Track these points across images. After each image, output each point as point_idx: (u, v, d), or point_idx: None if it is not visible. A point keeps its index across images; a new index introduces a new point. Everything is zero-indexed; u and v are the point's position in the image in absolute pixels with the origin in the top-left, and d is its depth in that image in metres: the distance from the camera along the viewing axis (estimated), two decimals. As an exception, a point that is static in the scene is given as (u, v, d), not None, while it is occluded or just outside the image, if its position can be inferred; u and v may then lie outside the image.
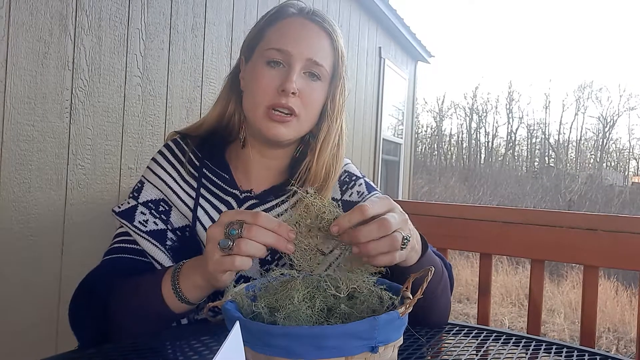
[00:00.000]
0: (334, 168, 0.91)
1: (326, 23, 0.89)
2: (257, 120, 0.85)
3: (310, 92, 0.86)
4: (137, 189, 0.90)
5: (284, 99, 0.82)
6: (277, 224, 0.62)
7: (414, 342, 0.77)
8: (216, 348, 0.71)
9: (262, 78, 0.84)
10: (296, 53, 0.84)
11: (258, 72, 0.85)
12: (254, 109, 0.85)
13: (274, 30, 0.87)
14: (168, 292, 0.72)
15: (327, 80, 0.89)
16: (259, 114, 0.84)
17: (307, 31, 0.87)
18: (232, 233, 0.62)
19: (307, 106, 0.86)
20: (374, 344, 0.48)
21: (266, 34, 0.88)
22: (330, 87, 0.90)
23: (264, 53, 0.86)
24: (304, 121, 0.87)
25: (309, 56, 0.85)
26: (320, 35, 0.88)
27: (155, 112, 1.88)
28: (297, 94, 0.83)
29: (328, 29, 0.88)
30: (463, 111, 21.00)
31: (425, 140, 20.24)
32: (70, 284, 1.56)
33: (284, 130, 0.85)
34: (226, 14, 2.24)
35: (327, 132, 0.89)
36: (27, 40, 1.40)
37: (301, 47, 0.84)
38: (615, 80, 36.12)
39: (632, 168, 19.80)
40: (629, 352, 4.43)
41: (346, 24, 4.06)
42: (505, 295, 6.10)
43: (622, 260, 1.27)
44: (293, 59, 0.84)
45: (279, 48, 0.84)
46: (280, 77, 0.84)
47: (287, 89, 0.82)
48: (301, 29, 0.87)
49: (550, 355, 0.76)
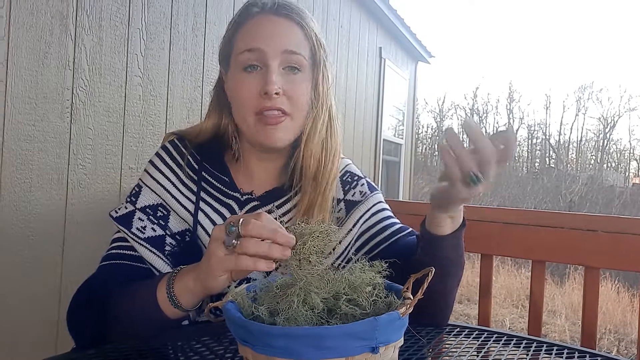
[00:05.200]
0: (325, 159, 0.88)
1: (294, 13, 0.85)
2: (251, 130, 0.84)
3: (294, 88, 0.83)
4: (134, 193, 0.88)
5: (269, 102, 0.81)
6: (277, 223, 0.62)
7: (415, 343, 0.77)
8: (217, 349, 0.71)
9: (242, 86, 0.83)
10: (269, 50, 0.82)
11: (237, 81, 0.84)
12: (244, 119, 0.84)
13: (242, 34, 0.85)
14: (163, 297, 0.72)
15: (308, 69, 0.86)
16: (250, 122, 0.83)
17: (276, 26, 0.84)
18: (231, 230, 0.62)
19: (295, 102, 0.84)
20: (375, 345, 0.48)
21: (235, 41, 0.86)
22: (312, 75, 0.87)
23: (238, 59, 0.84)
24: (297, 118, 0.85)
25: (283, 48, 0.82)
26: (291, 28, 0.85)
27: (156, 112, 1.88)
28: (280, 93, 0.81)
29: (296, 19, 0.85)
30: (463, 111, 21.02)
31: (426, 140, 20.25)
32: (71, 284, 1.57)
33: (281, 135, 0.83)
34: (227, 14, 2.24)
35: (313, 122, 0.87)
36: (28, 40, 1.40)
37: (273, 43, 0.82)
38: (615, 81, 36.06)
39: (633, 169, 19.82)
40: (630, 354, 4.42)
41: (346, 24, 4.05)
42: (507, 296, 6.09)
43: (623, 261, 1.27)
44: (268, 57, 0.82)
45: (250, 48, 0.82)
46: (260, 80, 0.82)
47: (269, 91, 0.80)
48: (269, 25, 0.84)
49: (551, 357, 0.76)
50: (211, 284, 0.66)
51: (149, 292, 0.73)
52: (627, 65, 39.27)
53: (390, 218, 0.95)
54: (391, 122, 5.49)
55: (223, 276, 0.65)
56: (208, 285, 0.67)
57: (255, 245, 0.60)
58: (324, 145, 0.89)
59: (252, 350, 0.49)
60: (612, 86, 39.37)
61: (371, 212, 0.93)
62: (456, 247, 0.79)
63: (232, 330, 0.52)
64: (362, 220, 0.92)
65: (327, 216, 0.88)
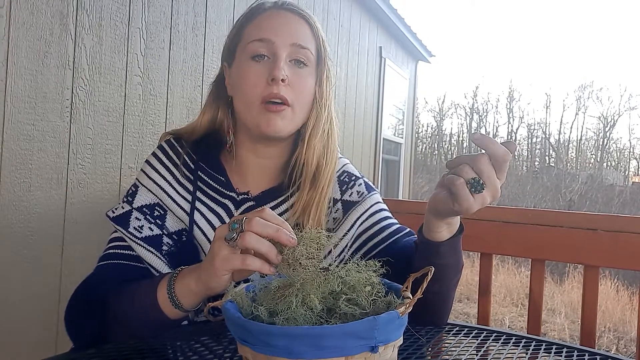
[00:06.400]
0: (326, 158, 0.90)
1: (303, 12, 0.89)
2: (254, 117, 0.84)
3: (299, 80, 0.85)
4: (131, 193, 0.89)
5: (276, 88, 0.82)
6: (280, 220, 0.62)
7: (414, 342, 0.77)
8: (216, 348, 0.71)
9: (249, 74, 0.84)
10: (279, 41, 0.84)
11: (244, 69, 0.85)
12: (249, 107, 0.85)
13: (252, 26, 0.87)
14: (163, 297, 0.72)
15: (313, 65, 0.88)
16: (254, 110, 0.84)
17: (286, 20, 0.87)
18: (234, 227, 0.62)
19: (299, 94, 0.85)
20: (374, 344, 0.48)
21: (245, 32, 0.87)
22: (316, 73, 0.89)
23: (246, 49, 0.85)
24: (298, 111, 0.86)
25: (292, 41, 0.85)
26: (300, 22, 0.88)
27: (155, 112, 1.88)
28: (286, 80, 0.83)
29: (305, 16, 0.89)
30: (463, 111, 21.03)
31: (426, 139, 20.25)
32: (71, 284, 1.57)
33: (281, 123, 0.84)
34: (227, 13, 2.24)
35: (316, 120, 0.89)
36: (28, 40, 1.40)
37: (283, 35, 0.85)
38: (615, 80, 36.24)
39: (633, 168, 19.82)
40: (629, 352, 4.43)
41: (347, 24, 4.05)
42: (507, 294, 6.10)
43: (623, 260, 1.27)
44: (277, 47, 0.84)
45: (260, 38, 0.84)
46: (268, 68, 0.83)
47: (277, 76, 0.82)
48: (280, 18, 0.87)
49: (550, 355, 0.76)
50: (214, 284, 0.66)
51: (148, 292, 0.73)
52: (627, 64, 39.28)
53: (389, 219, 0.95)
54: (391, 121, 5.48)
55: (226, 276, 0.65)
56: (210, 285, 0.67)
57: (256, 240, 0.60)
58: (325, 144, 0.90)
59: (251, 350, 0.49)
60: (612, 85, 39.39)
61: (369, 213, 0.93)
62: (454, 252, 0.78)
63: (232, 329, 0.52)
64: (360, 222, 0.92)
65: (324, 217, 0.89)
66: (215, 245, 0.64)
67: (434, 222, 0.75)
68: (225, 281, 0.66)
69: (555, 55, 39.72)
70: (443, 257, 0.77)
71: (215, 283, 0.66)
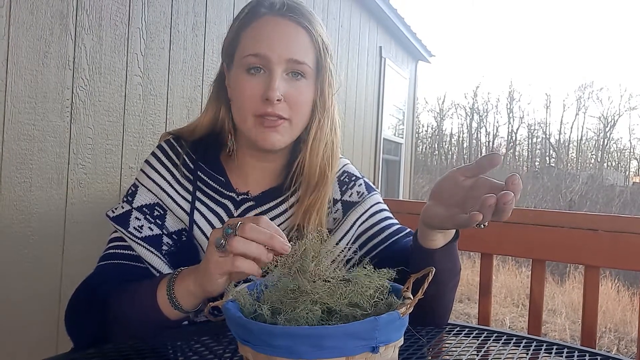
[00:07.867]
0: (330, 163, 0.89)
1: (302, 17, 0.84)
2: (249, 131, 0.84)
3: (296, 94, 0.84)
4: (131, 192, 0.89)
5: (270, 108, 0.81)
6: (275, 228, 0.62)
7: (415, 342, 0.77)
8: (216, 348, 0.71)
9: (244, 88, 0.83)
10: (274, 57, 0.82)
11: (240, 82, 0.84)
12: (244, 120, 0.84)
13: (248, 33, 0.85)
14: (163, 298, 0.71)
15: (312, 76, 0.86)
16: (249, 124, 0.84)
17: (283, 30, 0.84)
18: (227, 232, 0.62)
19: (296, 109, 0.84)
20: (375, 344, 0.48)
21: (241, 39, 0.85)
22: (317, 82, 0.87)
23: (242, 61, 0.84)
24: (296, 124, 0.85)
25: (288, 57, 0.82)
26: (297, 32, 0.84)
27: (156, 112, 1.88)
28: (282, 99, 0.82)
29: (304, 23, 0.84)
30: (464, 111, 21.02)
31: (426, 139, 20.25)
32: (71, 283, 1.57)
33: (278, 137, 0.84)
34: (227, 13, 2.24)
35: (319, 127, 0.88)
36: (28, 39, 1.40)
37: (279, 49, 0.82)
38: (616, 80, 36.23)
39: (633, 168, 19.82)
40: (630, 353, 4.42)
41: (347, 24, 4.05)
42: (507, 295, 6.10)
43: (623, 260, 1.27)
44: (272, 64, 0.82)
45: (255, 53, 0.82)
46: (263, 84, 0.82)
47: (271, 97, 0.80)
48: (276, 29, 0.83)
49: (551, 356, 0.76)
50: (210, 287, 0.67)
51: (148, 293, 0.73)
52: (627, 64, 39.27)
53: (389, 219, 0.95)
54: (391, 121, 5.49)
55: (221, 279, 0.65)
56: (207, 288, 0.67)
57: (244, 244, 0.60)
58: (328, 150, 0.90)
59: (252, 350, 0.49)
60: (613, 85, 39.36)
61: (369, 214, 0.93)
62: (449, 258, 0.78)
63: (233, 329, 0.52)
64: (360, 222, 0.92)
65: (324, 219, 0.88)
66: (208, 250, 0.65)
67: (429, 231, 0.75)
68: (221, 284, 0.66)
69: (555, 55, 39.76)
70: (438, 262, 0.76)
71: (211, 286, 0.66)
